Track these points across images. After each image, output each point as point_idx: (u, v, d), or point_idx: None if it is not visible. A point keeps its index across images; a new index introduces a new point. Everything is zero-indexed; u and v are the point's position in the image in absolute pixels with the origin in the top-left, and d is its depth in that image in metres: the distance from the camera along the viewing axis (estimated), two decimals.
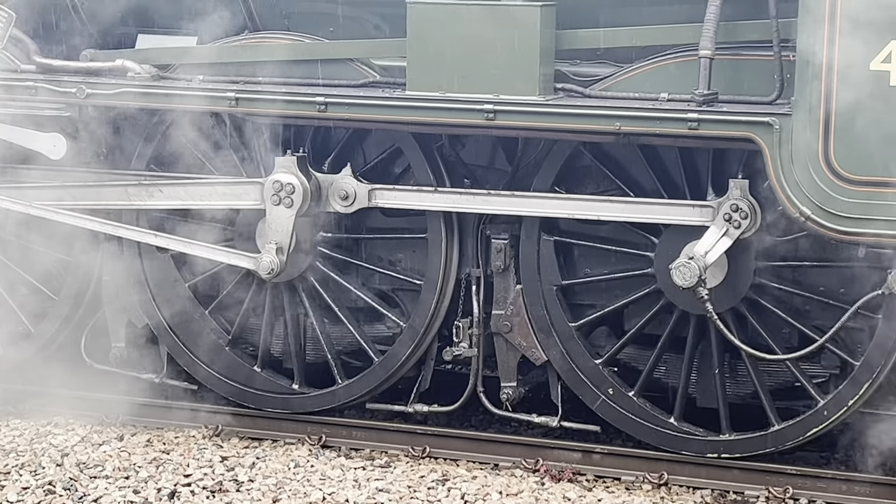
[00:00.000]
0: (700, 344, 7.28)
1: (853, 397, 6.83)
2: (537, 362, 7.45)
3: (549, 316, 7.37)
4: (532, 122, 6.92)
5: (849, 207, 6.42)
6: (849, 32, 6.29)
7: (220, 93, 7.40)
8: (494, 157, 7.61)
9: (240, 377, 7.93)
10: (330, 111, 7.20)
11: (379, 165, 7.64)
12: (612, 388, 7.32)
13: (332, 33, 7.63)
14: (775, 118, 6.49)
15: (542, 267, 7.36)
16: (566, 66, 7.16)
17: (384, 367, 7.66)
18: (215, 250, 7.70)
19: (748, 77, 6.77)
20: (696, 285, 6.76)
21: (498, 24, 6.90)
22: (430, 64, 7.03)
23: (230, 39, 7.69)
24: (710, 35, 6.63)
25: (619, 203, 7.05)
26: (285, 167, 7.45)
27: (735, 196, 6.80)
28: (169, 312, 7.97)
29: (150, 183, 7.73)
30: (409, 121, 7.14)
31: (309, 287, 7.80)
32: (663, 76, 6.90)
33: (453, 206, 7.31)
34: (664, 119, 6.69)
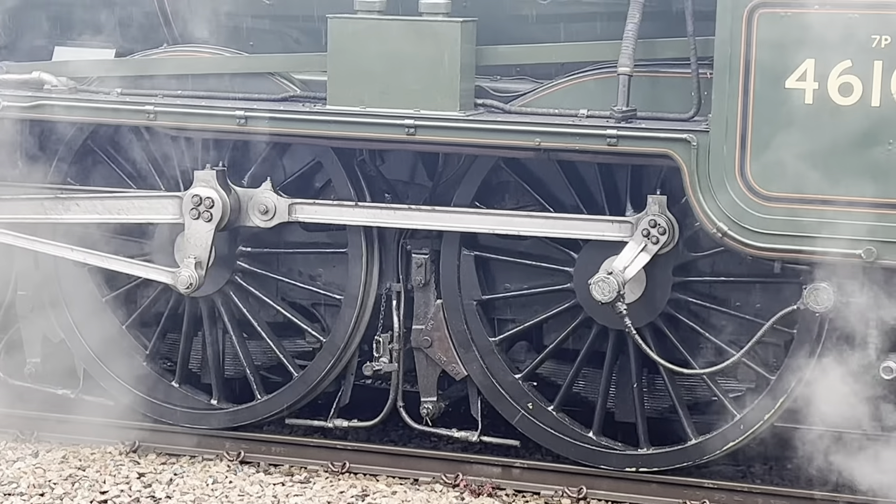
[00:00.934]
0: (619, 359, 7.32)
1: (769, 412, 6.90)
2: (457, 377, 7.46)
3: (469, 331, 7.39)
4: (453, 137, 6.94)
5: (765, 224, 6.50)
6: (765, 50, 6.37)
7: (138, 106, 7.35)
8: (415, 172, 7.62)
9: (157, 393, 7.86)
10: (250, 125, 7.18)
11: (299, 180, 7.61)
12: (531, 403, 7.35)
13: (252, 47, 7.61)
14: (693, 135, 6.56)
15: (462, 282, 7.37)
16: (486, 81, 7.19)
17: (304, 382, 7.63)
18: (133, 265, 7.63)
19: (666, 94, 6.83)
20: (614, 300, 6.81)
21: (419, 40, 6.92)
22: (350, 78, 7.03)
23: (149, 52, 7.64)
24: (629, 52, 6.70)
25: (539, 218, 7.08)
26: (204, 181, 7.40)
27: (653, 212, 6.86)
28: (85, 327, 7.88)
29: (67, 197, 7.65)
30: (330, 135, 7.13)
31: (228, 302, 7.75)
32: (582, 93, 6.95)
33: (374, 220, 7.31)
34: (583, 135, 6.74)
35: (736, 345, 6.96)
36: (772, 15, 6.34)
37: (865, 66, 6.26)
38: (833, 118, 6.32)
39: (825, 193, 6.39)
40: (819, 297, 6.56)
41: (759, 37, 6.37)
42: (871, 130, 6.28)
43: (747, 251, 6.58)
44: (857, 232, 6.37)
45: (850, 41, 6.26)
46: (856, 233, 6.37)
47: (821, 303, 6.57)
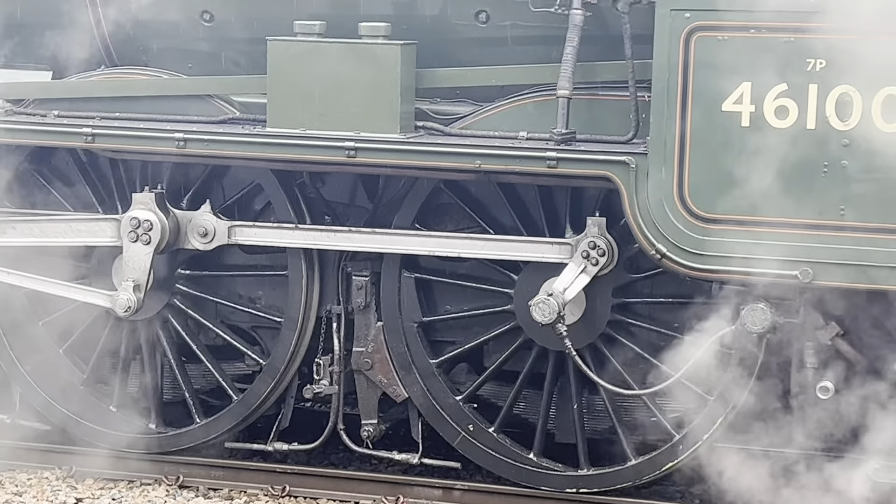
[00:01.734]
0: (559, 380, 7.35)
1: (707, 432, 6.94)
2: (398, 399, 7.45)
3: (409, 353, 7.39)
4: (393, 159, 6.95)
5: (703, 245, 6.55)
6: (702, 74, 6.44)
7: (75, 128, 7.30)
8: (355, 194, 7.62)
9: (95, 417, 7.78)
10: (189, 147, 7.15)
11: (239, 202, 7.59)
12: (472, 425, 7.35)
13: (190, 69, 7.58)
14: (632, 157, 6.61)
15: (403, 304, 7.37)
16: (427, 104, 7.21)
17: (243, 406, 7.59)
18: (70, 288, 7.56)
19: (605, 117, 6.88)
20: (554, 322, 6.84)
21: (359, 62, 6.93)
22: (290, 101, 7.02)
23: (87, 74, 7.59)
24: (568, 75, 6.74)
25: (479, 240, 7.10)
26: (143, 204, 7.36)
27: (593, 234, 6.90)
28: (21, 351, 7.80)
29: (3, 220, 7.57)
30: (270, 157, 7.12)
31: (167, 325, 7.70)
32: (522, 115, 6.99)
33: (314, 243, 7.30)
34: (523, 157, 6.78)
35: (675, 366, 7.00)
36: (709, 38, 6.41)
37: (801, 90, 6.34)
38: (769, 141, 6.39)
39: (762, 215, 6.46)
40: (756, 317, 6.62)
41: (697, 60, 6.44)
42: (806, 153, 6.36)
43: (686, 273, 6.63)
44: (793, 253, 6.44)
45: (785, 65, 6.34)
46: (792, 254, 6.44)
47: (758, 323, 6.63)
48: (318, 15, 7.15)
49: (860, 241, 6.36)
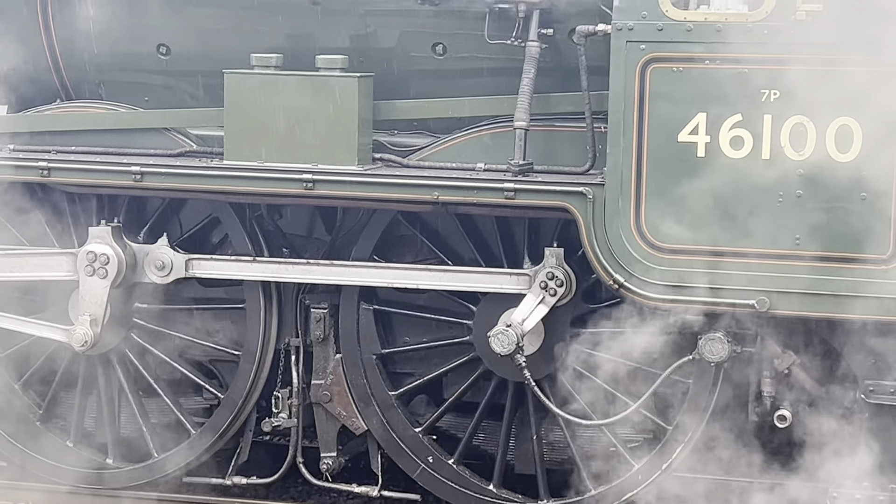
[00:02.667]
0: (518, 411, 7.35)
1: (666, 461, 6.96)
2: (357, 432, 7.43)
3: (368, 385, 7.37)
4: (351, 191, 6.95)
5: (660, 275, 6.58)
6: (658, 105, 6.48)
7: (30, 162, 7.26)
8: (314, 226, 7.61)
9: (51, 453, 7.72)
10: (146, 181, 7.13)
11: (196, 235, 7.56)
12: (431, 457, 7.34)
13: (147, 103, 7.56)
14: (589, 188, 6.64)
15: (361, 336, 7.36)
16: (384, 136, 7.22)
17: (201, 440, 7.54)
18: (25, 323, 7.51)
19: (562, 148, 6.91)
20: (513, 353, 6.84)
21: (316, 95, 6.93)
22: (248, 133, 7.02)
23: (42, 108, 7.56)
24: (525, 107, 6.77)
25: (438, 272, 7.10)
26: (99, 237, 7.33)
27: (551, 264, 6.92)
28: None
29: None
30: (227, 190, 7.10)
31: (124, 359, 7.65)
32: (480, 147, 7.01)
33: (272, 275, 7.28)
34: (481, 189, 6.79)
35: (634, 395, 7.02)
36: (664, 70, 6.46)
37: (756, 120, 6.39)
38: (725, 171, 6.43)
39: (719, 245, 6.49)
40: (713, 347, 6.65)
41: (652, 91, 6.48)
42: (761, 183, 6.41)
43: (643, 302, 6.65)
44: (749, 282, 6.47)
45: (740, 95, 6.38)
46: (749, 283, 6.48)
47: (715, 353, 6.66)
48: (275, 48, 7.15)
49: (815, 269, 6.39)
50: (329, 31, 7.20)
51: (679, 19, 6.43)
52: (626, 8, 6.47)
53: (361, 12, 7.16)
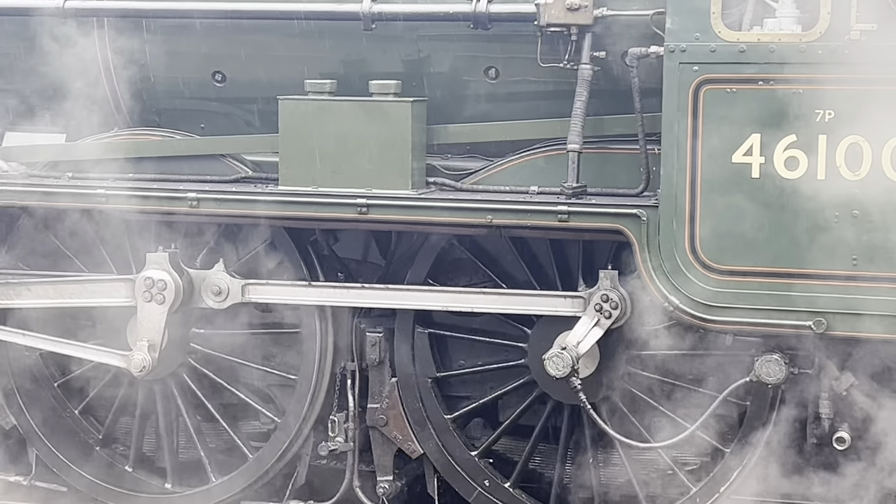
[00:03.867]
0: (574, 433, 7.33)
1: (724, 484, 6.91)
2: (413, 455, 7.43)
3: (424, 408, 7.38)
4: (405, 215, 6.97)
5: (715, 297, 6.55)
6: (711, 126, 6.46)
7: (90, 190, 7.34)
8: (368, 250, 7.64)
9: (111, 477, 7.78)
10: (202, 207, 7.18)
11: (252, 260, 7.61)
12: (488, 480, 7.33)
13: (203, 129, 7.63)
14: (643, 210, 6.62)
15: (416, 359, 7.37)
16: (438, 160, 7.25)
17: (259, 464, 7.57)
18: (85, 349, 7.58)
19: (615, 170, 6.90)
20: (569, 375, 6.83)
21: (370, 120, 6.97)
22: (302, 159, 7.06)
23: (101, 136, 7.64)
24: (578, 129, 6.77)
25: (492, 295, 7.10)
26: (157, 263, 7.39)
27: (605, 286, 6.90)
28: (37, 412, 7.81)
29: (18, 282, 7.60)
30: (282, 216, 7.15)
31: (182, 384, 7.71)
32: (533, 170, 7.02)
33: (327, 300, 7.31)
34: (535, 212, 6.79)
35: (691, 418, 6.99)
36: (717, 91, 6.43)
37: (810, 140, 6.35)
38: (780, 192, 6.40)
39: (774, 266, 6.45)
40: (770, 369, 6.61)
41: (706, 112, 6.46)
42: (817, 203, 6.36)
43: (699, 324, 6.62)
44: (806, 304, 6.43)
45: (794, 116, 6.35)
46: (805, 304, 6.43)
47: (772, 375, 6.61)
48: (329, 74, 7.20)
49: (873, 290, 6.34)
50: (382, 56, 7.25)
51: (732, 40, 6.42)
52: (679, 29, 6.46)
53: (414, 37, 7.20)
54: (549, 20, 6.79)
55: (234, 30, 7.41)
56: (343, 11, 7.14)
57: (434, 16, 7.05)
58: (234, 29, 7.41)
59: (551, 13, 6.79)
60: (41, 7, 7.52)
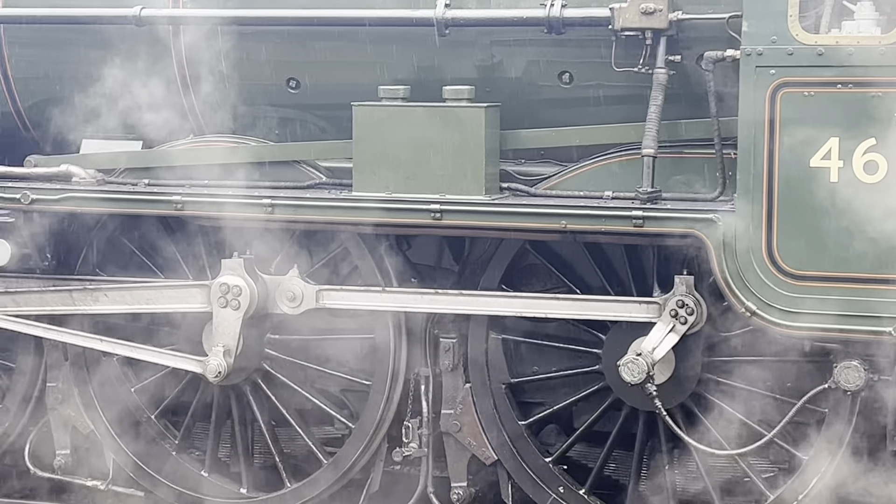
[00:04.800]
0: (650, 440, 7.28)
1: (802, 492, 6.84)
2: (487, 461, 7.41)
3: (498, 414, 7.36)
4: (478, 221, 6.96)
5: (793, 302, 6.48)
6: (789, 130, 6.40)
7: (165, 196, 7.40)
8: (442, 256, 7.63)
9: (187, 482, 7.83)
10: (277, 213, 7.21)
11: (326, 266, 7.63)
12: (562, 487, 7.30)
13: (277, 136, 7.66)
14: (719, 215, 6.57)
15: (490, 365, 7.36)
16: (511, 165, 7.23)
17: (333, 470, 7.60)
18: (161, 354, 7.64)
19: (691, 175, 6.85)
20: (644, 382, 6.78)
21: (443, 125, 6.97)
22: (376, 165, 7.07)
23: (176, 143, 7.70)
24: (653, 134, 6.73)
25: (566, 301, 7.07)
26: (232, 269, 7.43)
27: (681, 292, 6.85)
28: (114, 418, 7.88)
29: (95, 287, 7.67)
30: (356, 221, 7.16)
31: (256, 389, 7.74)
32: (607, 175, 6.98)
33: (401, 305, 7.31)
34: (609, 217, 6.76)
35: (767, 424, 6.92)
36: (795, 94, 6.37)
37: (890, 144, 6.27)
38: (859, 196, 6.32)
39: (853, 271, 6.38)
40: (849, 375, 6.53)
41: (783, 116, 6.40)
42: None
43: (776, 330, 6.55)
44: (885, 310, 6.34)
45: (873, 119, 6.28)
46: (884, 311, 6.35)
47: (851, 381, 6.54)
48: (403, 79, 7.21)
49: None
50: (455, 62, 7.25)
51: (810, 43, 6.35)
52: (756, 33, 6.41)
53: (487, 43, 7.19)
54: (623, 24, 6.76)
55: (308, 36, 7.44)
56: (417, 17, 7.15)
57: (508, 21, 7.04)
58: (308, 35, 7.44)
59: (626, 17, 6.75)
60: (117, 16, 7.58)
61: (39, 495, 8.10)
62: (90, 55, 7.77)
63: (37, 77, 7.93)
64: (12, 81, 7.98)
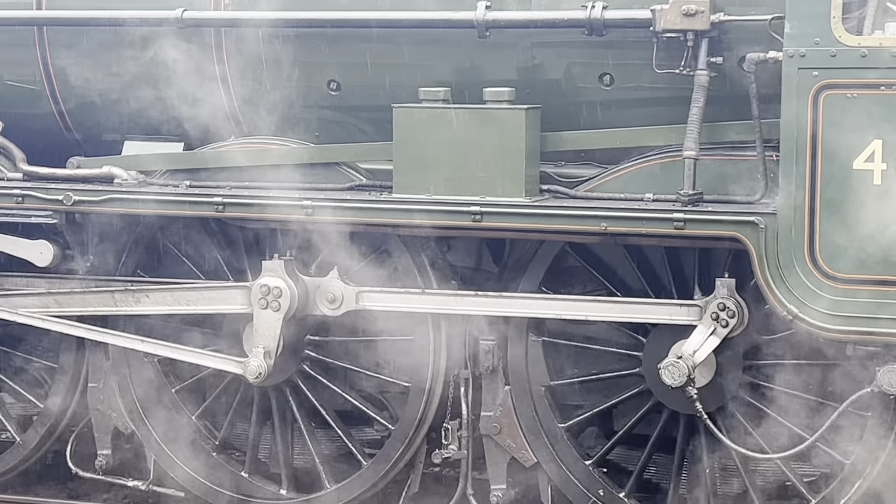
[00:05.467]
0: (690, 443, 7.25)
1: (844, 496, 6.79)
2: (527, 464, 7.40)
3: (538, 417, 7.35)
4: (518, 223, 6.95)
5: (835, 305, 6.44)
6: (831, 132, 6.35)
7: (206, 198, 7.42)
8: (481, 258, 7.62)
9: (227, 483, 7.86)
10: (317, 214, 7.23)
11: (366, 268, 7.63)
12: (602, 490, 7.28)
13: (318, 138, 7.68)
14: (761, 217, 6.53)
15: (530, 367, 7.35)
16: (551, 167, 7.22)
17: (373, 471, 7.60)
18: (202, 355, 7.67)
19: (732, 177, 6.82)
20: (684, 385, 6.76)
21: (483, 127, 6.96)
22: (416, 167, 7.07)
23: (217, 144, 7.73)
24: (694, 136, 6.70)
25: (607, 303, 7.05)
26: (272, 271, 7.45)
27: (722, 295, 6.81)
28: (155, 418, 7.92)
29: (137, 289, 7.71)
30: (396, 223, 7.16)
31: (296, 390, 7.76)
32: (648, 177, 6.95)
33: (441, 307, 7.31)
34: (650, 219, 6.73)
35: (809, 428, 6.88)
36: (838, 96, 6.33)
37: None
38: None
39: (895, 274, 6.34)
40: (892, 378, 6.48)
41: (826, 118, 6.36)
42: None
43: (819, 334, 6.51)
44: None
45: None
46: None
47: (894, 385, 6.48)
48: (443, 81, 7.21)
49: None
50: (496, 63, 7.24)
51: (853, 45, 6.31)
52: (798, 34, 6.37)
53: (528, 44, 7.18)
54: (664, 26, 6.74)
55: (348, 39, 7.45)
56: (457, 19, 7.15)
57: (548, 22, 7.03)
58: (348, 38, 7.45)
59: (667, 19, 6.73)
60: (160, 18, 7.62)
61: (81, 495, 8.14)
62: (132, 57, 7.80)
63: (79, 79, 7.97)
64: (55, 83, 8.03)
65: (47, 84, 8.04)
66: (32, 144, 8.02)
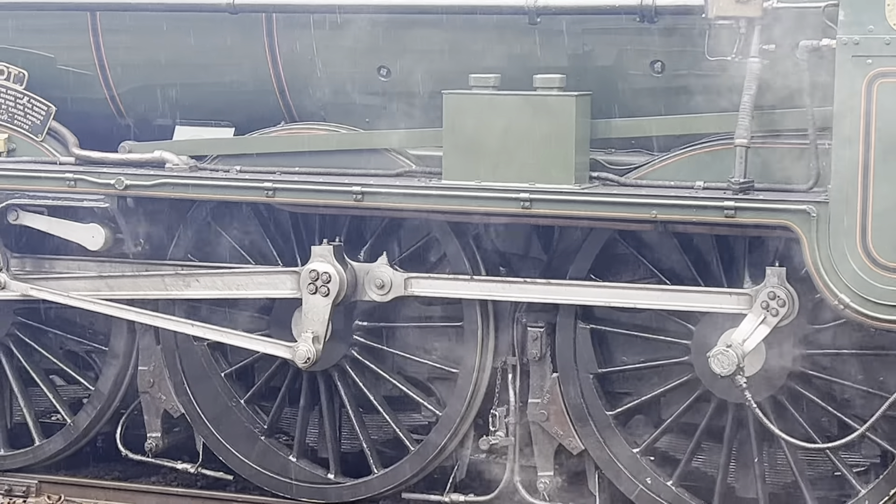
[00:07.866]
0: (739, 433, 7.21)
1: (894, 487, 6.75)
2: (574, 451, 7.39)
3: (585, 404, 7.34)
4: (568, 210, 6.93)
5: (888, 295, 6.39)
6: (884, 120, 6.29)
7: (256, 183, 7.45)
8: (530, 245, 7.61)
9: (275, 466, 7.90)
10: (366, 200, 7.24)
11: (415, 254, 7.65)
12: (650, 478, 7.26)
13: (367, 124, 7.69)
14: (813, 206, 6.48)
15: (578, 355, 7.33)
16: (601, 154, 7.19)
17: (420, 457, 7.62)
18: (252, 340, 7.71)
19: (784, 165, 6.77)
20: (734, 374, 6.73)
21: (533, 114, 6.95)
22: (466, 153, 7.07)
23: (267, 130, 7.75)
24: (746, 124, 6.66)
25: (656, 291, 7.03)
26: (322, 256, 7.47)
27: (772, 284, 6.78)
28: (204, 402, 7.97)
29: (188, 273, 7.76)
30: (446, 209, 7.17)
31: (345, 376, 7.78)
32: (698, 164, 6.91)
33: (489, 294, 7.31)
34: (700, 207, 6.70)
35: (859, 418, 6.83)
36: (891, 84, 6.27)
37: None
38: None
39: None
40: None
41: (879, 106, 6.30)
42: None
43: (870, 323, 6.47)
44: None
45: None
46: None
47: None
48: (493, 68, 7.20)
49: None
50: (546, 50, 7.22)
51: None
52: (852, 22, 6.31)
53: (579, 31, 7.15)
54: (717, 12, 6.69)
55: (398, 24, 7.45)
56: (508, 6, 7.13)
57: (600, 9, 7.00)
58: (398, 23, 7.45)
59: (719, 5, 6.68)
60: (211, 3, 7.65)
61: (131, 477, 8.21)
62: (184, 42, 7.84)
63: (132, 64, 8.01)
64: (108, 69, 8.08)
65: (100, 69, 8.09)
66: (85, 129, 8.07)
